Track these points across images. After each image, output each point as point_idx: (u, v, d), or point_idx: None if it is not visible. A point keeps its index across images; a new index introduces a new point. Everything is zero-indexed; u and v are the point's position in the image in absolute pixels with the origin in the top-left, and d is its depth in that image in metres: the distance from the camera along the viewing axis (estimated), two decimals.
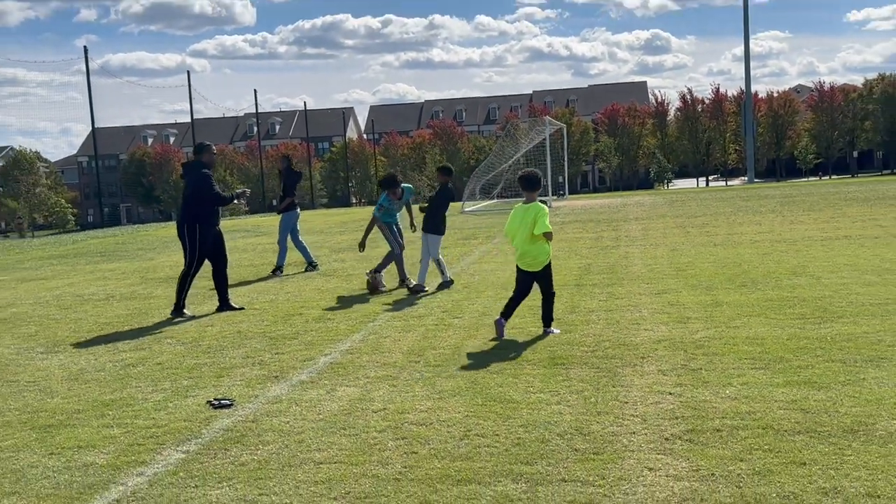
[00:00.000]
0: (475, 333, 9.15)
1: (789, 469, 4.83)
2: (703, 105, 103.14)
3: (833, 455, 4.99)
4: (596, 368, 7.36)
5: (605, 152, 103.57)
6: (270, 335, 9.74)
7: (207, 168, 11.60)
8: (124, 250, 22.99)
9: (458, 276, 13.83)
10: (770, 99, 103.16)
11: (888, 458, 4.89)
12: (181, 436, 6.12)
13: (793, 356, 7.33)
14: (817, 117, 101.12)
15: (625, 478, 4.86)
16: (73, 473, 5.46)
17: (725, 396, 6.28)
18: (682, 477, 4.82)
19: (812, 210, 23.15)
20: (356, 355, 8.44)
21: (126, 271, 17.58)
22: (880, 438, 5.22)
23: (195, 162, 11.69)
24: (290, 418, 6.40)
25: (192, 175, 11.51)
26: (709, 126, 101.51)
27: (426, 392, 6.93)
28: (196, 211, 11.45)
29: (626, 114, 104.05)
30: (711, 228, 19.61)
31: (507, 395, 6.70)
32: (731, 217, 22.45)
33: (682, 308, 9.84)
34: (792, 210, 23.57)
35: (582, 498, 4.61)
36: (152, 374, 8.13)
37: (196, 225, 11.44)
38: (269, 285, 14.19)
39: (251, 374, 7.90)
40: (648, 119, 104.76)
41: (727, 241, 16.72)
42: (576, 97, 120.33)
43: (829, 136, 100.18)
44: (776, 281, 11.37)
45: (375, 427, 6.07)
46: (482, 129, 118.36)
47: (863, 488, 4.53)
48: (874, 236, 16.00)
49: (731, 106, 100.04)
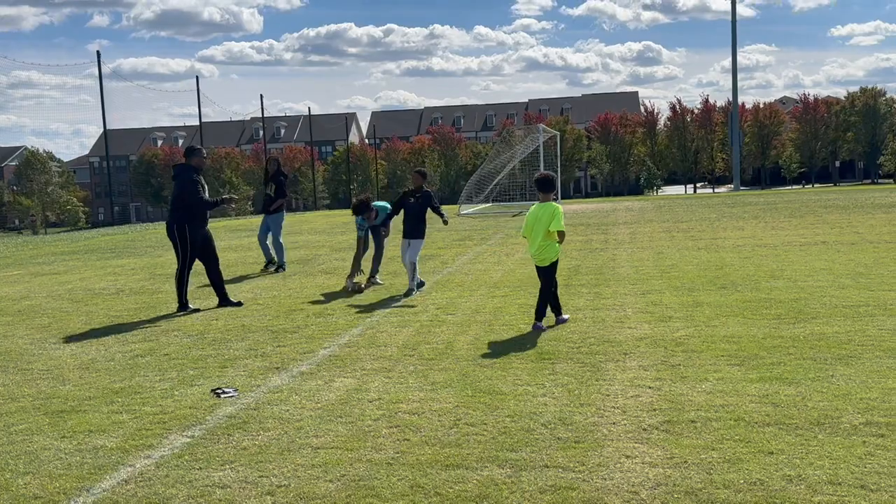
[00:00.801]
0: (467, 330, 9.26)
1: (757, 458, 4.95)
2: (692, 115, 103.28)
3: (799, 446, 5.11)
4: (581, 363, 7.48)
5: (597, 159, 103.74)
6: (272, 329, 9.85)
7: (196, 171, 11.62)
8: (133, 247, 23.08)
9: (454, 274, 13.95)
10: (756, 110, 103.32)
11: (851, 449, 5.02)
12: (186, 422, 6.23)
13: (767, 354, 7.46)
14: (801, 128, 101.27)
15: (603, 464, 4.98)
16: (84, 455, 5.57)
17: (701, 391, 6.41)
18: (657, 464, 4.94)
19: (793, 216, 23.27)
20: (354, 348, 8.56)
21: (135, 267, 17.67)
22: (844, 431, 5.34)
23: (184, 165, 11.71)
24: (290, 406, 6.52)
25: (179, 178, 11.59)
26: (697, 135, 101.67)
27: (419, 383, 7.05)
28: (183, 213, 11.50)
29: (618, 122, 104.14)
30: (696, 233, 19.73)
31: (495, 387, 6.82)
32: (716, 222, 22.57)
33: (664, 308, 9.96)
34: (774, 216, 23.69)
35: (562, 483, 4.73)
36: (160, 365, 8.24)
37: (185, 225, 11.49)
38: (272, 282, 14.30)
39: (254, 366, 8.01)
40: (639, 128, 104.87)
41: (710, 245, 16.84)
42: (570, 106, 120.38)
43: (813, 146, 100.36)
44: (755, 283, 11.49)
45: (370, 415, 6.19)
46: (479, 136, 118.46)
47: (825, 476, 4.65)
48: (851, 242, 16.13)
49: (719, 116, 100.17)
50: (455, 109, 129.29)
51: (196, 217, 11.56)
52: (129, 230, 31.63)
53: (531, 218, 9.40)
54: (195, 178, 11.56)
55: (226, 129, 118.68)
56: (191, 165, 11.66)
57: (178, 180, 11.57)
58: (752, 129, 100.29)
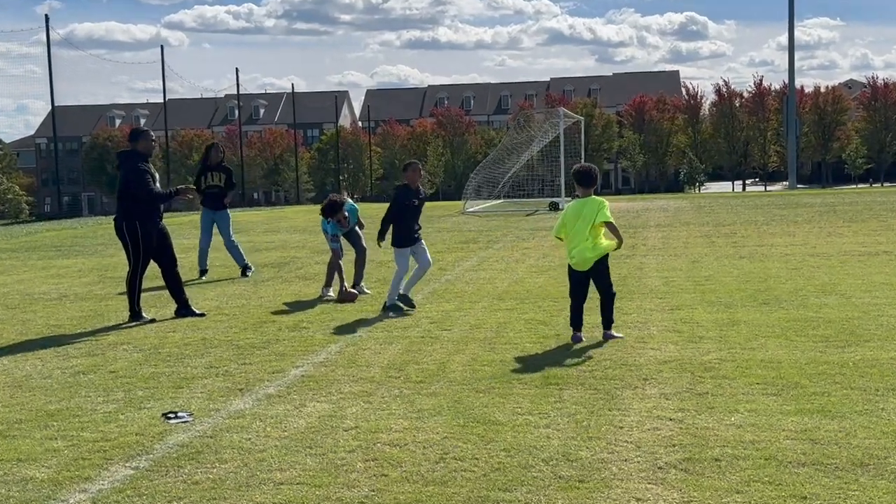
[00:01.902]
0: (464, 348, 9.34)
1: (788, 503, 5.01)
2: (742, 100, 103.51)
3: (837, 489, 5.17)
4: (593, 389, 7.55)
5: (629, 149, 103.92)
6: (238, 344, 9.94)
7: (144, 158, 11.63)
8: (83, 245, 23.22)
9: (452, 283, 14.04)
10: (817, 94, 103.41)
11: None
12: (131, 450, 6.31)
13: (809, 382, 7.52)
14: (870, 117, 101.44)
15: None
16: (9, 488, 5.65)
17: (730, 423, 6.47)
18: None
19: (854, 221, 23.33)
20: (331, 368, 8.64)
21: (83, 268, 17.80)
22: (891, 473, 5.40)
23: (129, 151, 11.73)
24: (252, 435, 6.59)
25: (124, 166, 11.62)
26: (747, 123, 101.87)
27: (403, 410, 7.12)
28: (132, 207, 11.49)
29: (654, 107, 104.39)
30: (739, 239, 19.80)
31: (491, 415, 6.89)
32: (763, 227, 22.64)
33: (694, 326, 10.03)
34: (831, 221, 23.76)
35: None
36: (104, 383, 8.32)
37: (136, 221, 11.46)
38: (240, 288, 14.39)
39: (213, 386, 8.09)
40: (680, 113, 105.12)
41: (755, 253, 16.91)
42: (598, 86, 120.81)
43: (883, 138, 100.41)
44: (802, 299, 11.56)
45: (344, 447, 6.26)
46: (492, 120, 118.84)
47: None
48: None
49: (774, 101, 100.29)
50: (464, 89, 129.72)
51: (148, 211, 11.57)
52: (80, 224, 31.78)
53: (570, 215, 9.64)
54: (142, 166, 11.53)
55: (196, 107, 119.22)
56: (137, 151, 11.66)
57: (123, 169, 11.62)
58: (811, 117, 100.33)
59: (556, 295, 12.45)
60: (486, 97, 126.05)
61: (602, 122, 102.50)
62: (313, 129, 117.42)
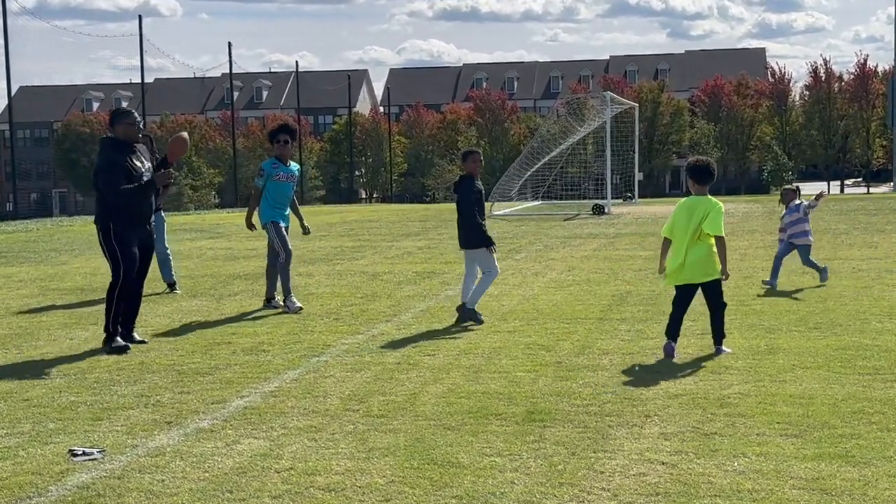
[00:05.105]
0: (443, 377, 9.42)
1: None
2: (842, 83, 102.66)
3: None
4: (581, 427, 7.61)
5: (702, 142, 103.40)
6: (180, 369, 10.07)
7: (121, 145, 11.28)
8: (32, 250, 23.51)
9: (452, 299, 14.06)
10: None
11: None
12: (22, 492, 6.44)
13: (840, 422, 7.54)
14: None
15: None
16: None
17: (731, 470, 6.51)
18: None
19: None
20: (280, 398, 8.75)
21: (25, 278, 18.03)
22: None
23: (105, 139, 11.67)
24: (167, 476, 6.70)
25: (98, 157, 11.58)
26: (848, 111, 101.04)
27: (352, 449, 7.22)
28: (104, 209, 11.28)
29: (733, 91, 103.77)
30: None
31: (453, 457, 6.96)
32: (841, 236, 22.56)
33: (723, 354, 10.05)
34: None
35: None
36: (12, 413, 8.47)
37: (109, 224, 11.19)
38: (201, 303, 14.55)
39: (138, 418, 8.22)
40: (764, 99, 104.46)
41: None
42: (668, 66, 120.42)
43: None
44: (862, 324, 11.54)
45: (270, 491, 6.36)
46: (539, 106, 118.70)
47: None
48: None
49: (881, 85, 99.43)
50: (506, 68, 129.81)
51: (125, 210, 11.25)
52: (35, 226, 32.15)
53: (681, 214, 10.28)
54: (116, 157, 11.19)
55: (188, 87, 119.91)
56: (114, 138, 11.42)
57: (97, 160, 11.54)
58: None
59: (570, 316, 12.53)
60: (533, 78, 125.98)
61: (671, 108, 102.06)
62: (326, 114, 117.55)
